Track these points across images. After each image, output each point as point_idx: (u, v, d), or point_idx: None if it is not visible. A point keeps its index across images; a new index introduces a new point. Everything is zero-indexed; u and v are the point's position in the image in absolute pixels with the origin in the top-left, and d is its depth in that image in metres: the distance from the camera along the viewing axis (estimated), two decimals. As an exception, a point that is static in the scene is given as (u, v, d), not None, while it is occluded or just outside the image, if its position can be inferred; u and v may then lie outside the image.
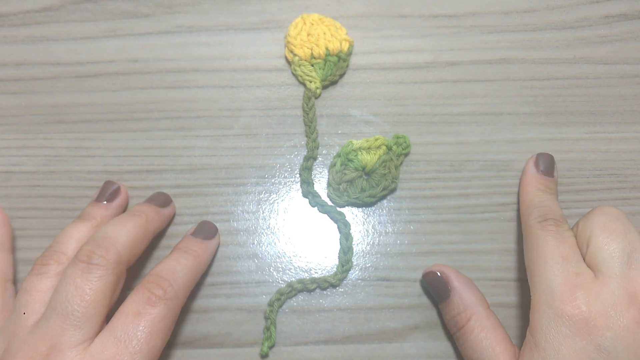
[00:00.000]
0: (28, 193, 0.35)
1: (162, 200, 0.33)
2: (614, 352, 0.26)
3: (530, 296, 0.29)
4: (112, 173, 0.35)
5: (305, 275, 0.34)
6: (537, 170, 0.33)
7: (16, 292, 0.32)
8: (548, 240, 0.29)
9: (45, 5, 0.37)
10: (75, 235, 0.31)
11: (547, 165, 0.34)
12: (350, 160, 0.34)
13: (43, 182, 0.35)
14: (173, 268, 0.30)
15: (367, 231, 0.34)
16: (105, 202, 0.33)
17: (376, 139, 0.34)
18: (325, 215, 0.35)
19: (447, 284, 0.31)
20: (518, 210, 0.34)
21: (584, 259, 0.29)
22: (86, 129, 0.36)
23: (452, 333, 0.32)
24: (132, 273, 0.33)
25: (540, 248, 0.29)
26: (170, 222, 0.34)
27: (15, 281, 0.33)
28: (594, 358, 0.26)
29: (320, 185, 0.35)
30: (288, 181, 0.35)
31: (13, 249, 0.33)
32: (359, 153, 0.34)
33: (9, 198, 0.35)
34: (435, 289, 0.32)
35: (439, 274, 0.32)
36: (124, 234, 0.30)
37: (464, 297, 0.31)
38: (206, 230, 0.33)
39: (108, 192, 0.33)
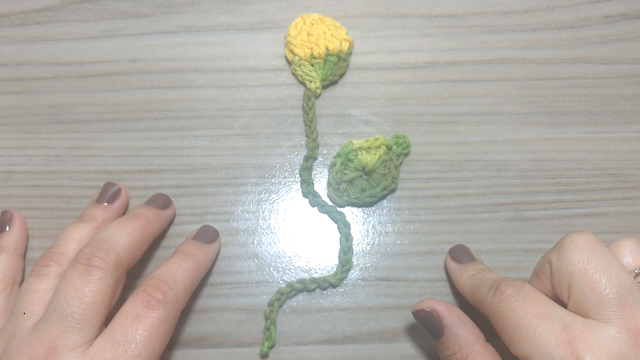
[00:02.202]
0: (28, 193, 0.35)
1: (162, 202, 0.33)
2: None
3: None
4: (112, 173, 0.35)
5: (305, 275, 0.34)
6: (460, 263, 0.32)
7: None
8: (513, 307, 0.26)
9: (45, 5, 0.37)
10: (76, 237, 0.31)
11: (463, 254, 0.32)
12: (350, 160, 0.34)
13: (43, 182, 0.35)
14: (173, 271, 0.30)
15: (367, 231, 0.34)
16: (105, 204, 0.33)
17: (376, 139, 0.34)
18: (325, 215, 0.35)
19: (439, 322, 0.29)
20: (518, 210, 0.34)
21: (567, 304, 0.27)
22: (86, 129, 0.36)
23: None
24: (132, 273, 0.33)
25: (511, 319, 0.26)
26: (170, 223, 0.34)
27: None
28: None
29: (320, 185, 0.35)
30: (288, 181, 0.35)
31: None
32: (359, 153, 0.34)
33: (9, 198, 0.35)
34: (427, 327, 0.30)
35: (429, 310, 0.29)
36: (124, 236, 0.30)
37: (459, 336, 0.28)
38: (207, 234, 0.33)
39: (109, 194, 0.33)
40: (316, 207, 0.35)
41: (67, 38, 0.37)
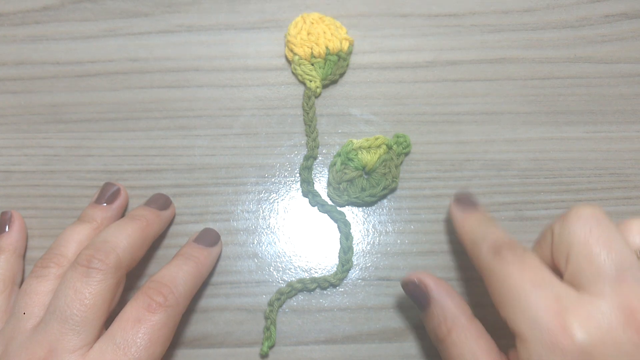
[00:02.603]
0: (27, 193, 0.35)
1: (162, 202, 0.33)
2: None
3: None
4: (111, 172, 0.35)
5: (305, 275, 0.34)
6: (463, 211, 0.31)
7: None
8: (510, 270, 0.26)
9: (44, 5, 0.37)
10: (76, 238, 0.31)
11: (469, 201, 0.32)
12: (351, 160, 0.34)
13: (43, 182, 0.35)
14: (174, 275, 0.30)
15: (368, 231, 0.34)
16: (105, 204, 0.33)
17: (376, 138, 0.34)
18: (326, 214, 0.35)
19: (426, 294, 0.29)
20: (519, 209, 0.34)
21: (563, 274, 0.26)
22: (86, 129, 0.36)
23: (434, 344, 0.29)
24: (132, 273, 0.33)
25: (505, 282, 0.26)
26: (170, 223, 0.34)
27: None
28: None
29: (321, 184, 0.35)
30: (288, 180, 0.35)
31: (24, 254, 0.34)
32: (359, 152, 0.34)
33: (9, 198, 0.35)
34: (414, 299, 0.30)
35: (417, 282, 0.29)
36: (124, 238, 0.30)
37: (445, 307, 0.28)
38: (209, 237, 0.33)
39: (108, 194, 0.33)
40: (316, 207, 0.35)
41: (67, 37, 0.37)
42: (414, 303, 0.30)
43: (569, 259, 0.26)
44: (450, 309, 0.28)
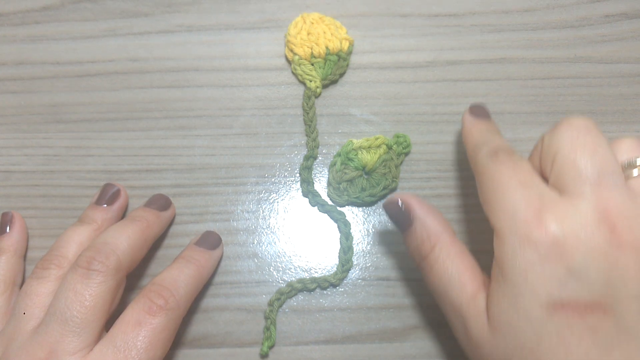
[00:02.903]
0: (27, 192, 0.35)
1: (162, 203, 0.33)
2: (585, 273, 0.24)
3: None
4: (111, 172, 0.35)
5: (305, 275, 0.34)
6: (474, 118, 0.31)
7: None
8: (502, 170, 0.27)
9: (44, 5, 0.37)
10: (76, 239, 0.31)
11: (483, 112, 0.32)
12: (351, 160, 0.34)
13: (42, 182, 0.35)
14: (175, 277, 0.30)
15: (368, 230, 0.34)
16: (105, 205, 0.33)
17: (376, 138, 0.34)
18: (326, 214, 0.35)
19: (409, 213, 0.29)
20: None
21: (548, 180, 0.27)
22: (86, 129, 0.36)
23: (417, 263, 0.29)
24: (132, 273, 0.33)
25: (495, 179, 0.26)
26: (170, 223, 0.34)
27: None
28: (564, 281, 0.24)
29: (321, 184, 0.35)
30: (288, 180, 0.35)
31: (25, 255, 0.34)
32: (359, 152, 0.34)
33: (9, 198, 0.35)
34: (397, 219, 0.29)
35: (400, 202, 0.29)
36: (125, 239, 0.30)
37: (428, 225, 0.28)
38: (210, 240, 0.33)
39: (108, 195, 0.33)
40: (316, 207, 0.35)
41: (67, 37, 0.37)
42: (396, 224, 0.30)
43: (554, 163, 0.26)
44: (434, 226, 0.28)
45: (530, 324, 0.24)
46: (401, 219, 0.29)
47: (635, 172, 0.26)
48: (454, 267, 0.28)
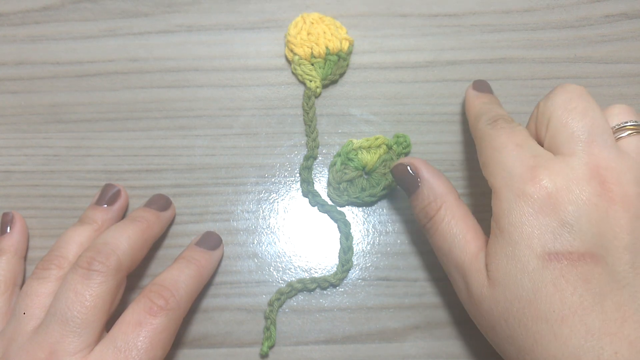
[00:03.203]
0: (27, 193, 0.35)
1: (162, 203, 0.33)
2: (577, 225, 0.25)
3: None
4: (111, 172, 0.35)
5: (305, 275, 0.34)
6: (477, 91, 0.33)
7: None
8: (500, 134, 0.28)
9: (44, 5, 0.37)
10: (76, 239, 0.31)
11: (486, 86, 0.34)
12: (351, 160, 0.34)
13: (42, 182, 0.35)
14: (176, 278, 0.30)
15: (368, 230, 0.34)
16: (105, 206, 0.33)
17: (376, 138, 0.34)
18: (325, 214, 0.35)
19: (416, 175, 0.30)
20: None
21: (543, 143, 0.28)
22: (85, 129, 0.36)
23: (422, 225, 0.31)
24: (132, 273, 0.33)
25: (493, 142, 0.28)
26: (171, 223, 0.34)
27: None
28: (558, 233, 0.25)
29: (321, 184, 0.35)
30: (288, 180, 0.35)
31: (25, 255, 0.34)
32: (359, 152, 0.34)
33: (9, 198, 0.35)
34: (404, 182, 0.31)
35: (407, 165, 0.30)
36: (125, 240, 0.30)
37: (434, 187, 0.30)
38: (210, 241, 0.33)
39: (108, 196, 0.33)
40: (316, 207, 0.35)
41: (67, 37, 0.37)
42: (402, 187, 0.31)
43: (548, 126, 0.28)
44: (440, 188, 0.30)
45: (526, 275, 0.25)
46: (409, 181, 0.30)
47: (625, 133, 0.28)
48: (458, 227, 0.29)
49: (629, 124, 0.28)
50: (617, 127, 0.28)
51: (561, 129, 0.27)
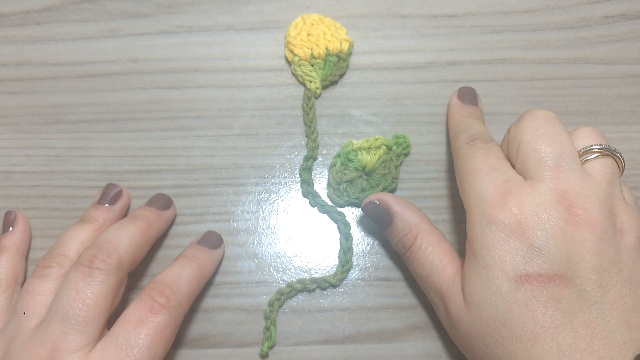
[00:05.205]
0: (28, 193, 0.35)
1: (163, 202, 0.33)
2: (545, 249, 0.26)
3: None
4: (112, 173, 0.35)
5: (305, 275, 0.34)
6: (462, 102, 0.34)
7: None
8: (476, 156, 0.30)
9: (45, 5, 0.37)
10: (78, 238, 0.31)
11: (470, 96, 0.34)
12: (350, 160, 0.34)
13: (43, 182, 0.35)
14: (177, 276, 0.30)
15: (368, 231, 0.34)
16: (107, 205, 0.33)
17: (376, 139, 0.34)
18: (325, 215, 0.35)
19: (388, 210, 0.31)
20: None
21: (514, 167, 0.29)
22: (86, 129, 0.36)
23: (401, 255, 0.32)
24: (132, 273, 0.33)
25: (469, 165, 0.29)
26: (171, 223, 0.34)
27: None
28: (528, 257, 0.27)
29: (320, 185, 0.35)
30: (288, 181, 0.35)
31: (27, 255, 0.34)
32: (359, 153, 0.34)
33: (9, 198, 0.35)
34: (378, 218, 0.32)
35: (377, 202, 0.32)
36: (126, 238, 0.30)
37: (407, 218, 0.31)
38: (212, 240, 0.33)
39: (110, 195, 0.33)
40: (316, 207, 0.35)
41: (67, 38, 0.37)
42: (377, 223, 0.32)
43: (518, 151, 0.29)
44: (413, 218, 0.31)
45: (500, 297, 0.27)
46: (382, 217, 0.32)
47: (591, 156, 0.29)
48: (434, 254, 0.30)
49: (594, 147, 0.29)
50: (583, 150, 0.29)
51: (530, 153, 0.28)
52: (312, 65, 0.36)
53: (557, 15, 0.37)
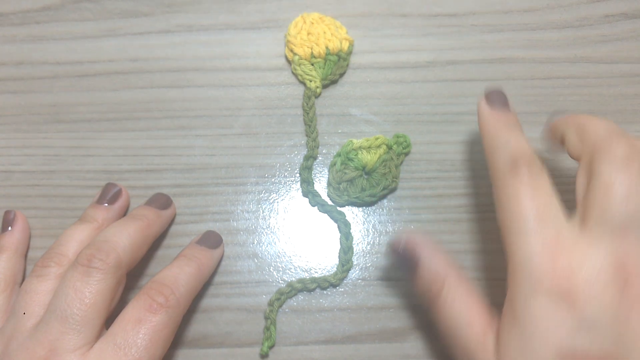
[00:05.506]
0: (28, 192, 0.35)
1: (163, 202, 0.33)
2: (596, 327, 0.24)
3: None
4: (111, 172, 0.35)
5: (305, 275, 0.34)
6: (492, 108, 0.30)
7: None
8: (521, 191, 0.26)
9: (44, 5, 0.37)
10: (76, 237, 0.31)
11: (500, 99, 0.30)
12: (351, 160, 0.34)
13: (43, 182, 0.35)
14: (176, 275, 0.30)
15: (368, 231, 0.34)
16: (106, 205, 0.33)
17: (376, 138, 0.34)
18: (326, 214, 0.35)
19: (414, 256, 0.29)
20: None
21: (578, 196, 0.26)
22: (86, 129, 0.36)
23: (425, 305, 0.29)
24: (132, 273, 0.33)
25: (514, 205, 0.26)
26: (171, 223, 0.34)
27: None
28: (575, 332, 0.24)
29: (321, 184, 0.35)
30: (288, 180, 0.35)
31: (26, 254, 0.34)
32: (359, 152, 0.34)
33: (9, 197, 0.35)
34: (403, 263, 0.29)
35: (404, 244, 0.29)
36: (125, 237, 0.30)
37: (434, 267, 0.28)
38: (211, 239, 0.33)
39: (109, 195, 0.33)
40: (316, 207, 0.35)
41: (67, 37, 0.37)
42: (402, 270, 0.29)
43: (588, 191, 0.25)
44: (441, 267, 0.28)
45: None
46: (408, 262, 0.29)
47: None
48: (462, 307, 0.27)
49: None
50: None
51: (599, 205, 0.25)
52: (312, 65, 0.36)
53: (558, 15, 0.37)
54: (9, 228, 0.33)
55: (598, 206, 0.25)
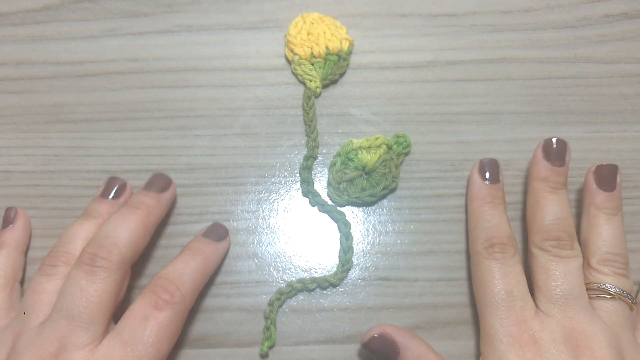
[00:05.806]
0: (28, 192, 0.35)
1: (162, 184, 0.33)
2: None
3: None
4: (111, 172, 0.35)
5: (305, 275, 0.34)
6: (483, 180, 0.32)
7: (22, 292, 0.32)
8: (494, 270, 0.30)
9: (44, 5, 0.37)
10: (82, 235, 0.31)
11: (492, 171, 0.33)
12: (351, 160, 0.34)
13: (43, 182, 0.35)
14: (181, 271, 0.30)
15: (368, 230, 0.34)
16: (111, 199, 0.33)
17: (376, 138, 0.34)
18: (326, 214, 0.35)
19: (393, 343, 0.30)
20: (520, 209, 0.34)
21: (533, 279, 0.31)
22: (86, 129, 0.36)
23: None
24: (131, 273, 0.33)
25: (486, 281, 0.30)
26: (170, 213, 0.34)
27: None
28: None
29: (321, 184, 0.35)
30: (288, 180, 0.35)
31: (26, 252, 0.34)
32: (359, 152, 0.34)
33: (9, 197, 0.35)
34: (383, 352, 0.30)
35: (377, 336, 0.30)
36: (126, 231, 0.29)
37: (414, 349, 0.30)
38: (217, 232, 0.33)
39: (114, 189, 0.33)
40: (316, 207, 0.35)
41: (67, 37, 0.37)
42: (382, 358, 0.31)
43: (537, 274, 0.31)
44: (420, 348, 0.30)
45: None
46: (387, 349, 0.30)
47: (607, 296, 0.30)
48: None
49: (611, 288, 0.30)
50: (598, 285, 0.30)
51: (544, 289, 0.30)
52: (312, 65, 0.36)
53: (558, 14, 0.37)
54: (10, 225, 0.33)
55: (545, 290, 0.30)
